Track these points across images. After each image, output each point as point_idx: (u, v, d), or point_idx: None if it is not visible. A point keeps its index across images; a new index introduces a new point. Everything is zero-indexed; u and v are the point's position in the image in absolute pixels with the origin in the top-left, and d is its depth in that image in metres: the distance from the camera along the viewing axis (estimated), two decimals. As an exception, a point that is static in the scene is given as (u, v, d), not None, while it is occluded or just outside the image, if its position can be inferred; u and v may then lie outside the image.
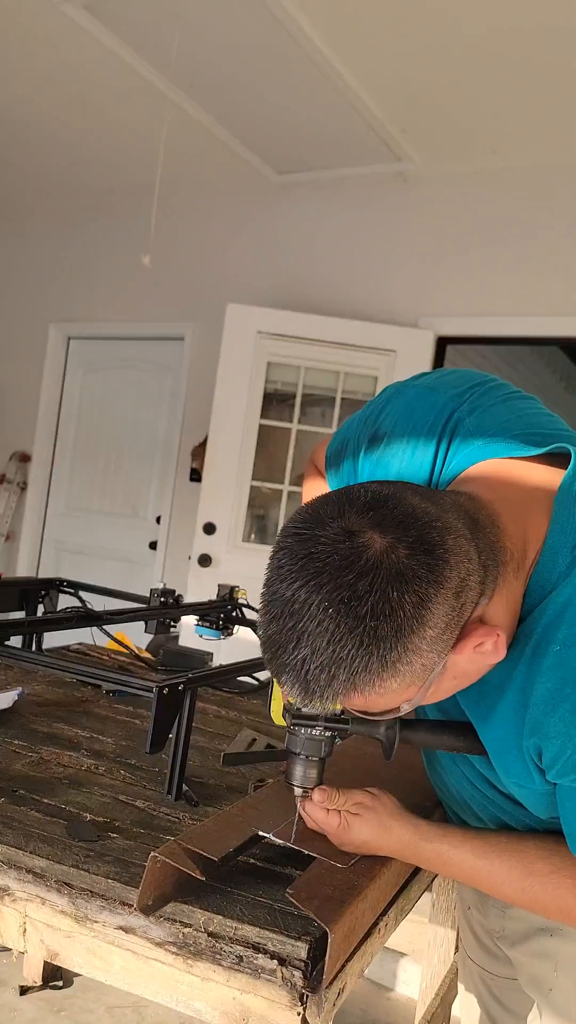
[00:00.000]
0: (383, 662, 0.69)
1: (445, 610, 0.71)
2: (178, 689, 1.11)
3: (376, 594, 0.68)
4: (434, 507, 0.74)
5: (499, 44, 2.87)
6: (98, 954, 0.87)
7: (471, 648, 0.75)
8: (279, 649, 0.71)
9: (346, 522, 0.71)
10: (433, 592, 0.70)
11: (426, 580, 0.70)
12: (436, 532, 0.72)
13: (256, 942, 0.80)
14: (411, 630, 0.69)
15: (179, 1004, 0.83)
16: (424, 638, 0.70)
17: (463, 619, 0.74)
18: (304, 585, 0.69)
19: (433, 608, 0.70)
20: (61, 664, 1.29)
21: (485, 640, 0.76)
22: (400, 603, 0.68)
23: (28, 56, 3.37)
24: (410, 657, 0.70)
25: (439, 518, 0.73)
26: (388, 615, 0.68)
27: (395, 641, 0.69)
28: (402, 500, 0.73)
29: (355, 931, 0.85)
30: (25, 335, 5.07)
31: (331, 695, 0.71)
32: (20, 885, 0.91)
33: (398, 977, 2.41)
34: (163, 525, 4.59)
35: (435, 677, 0.75)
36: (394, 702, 0.76)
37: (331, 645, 0.68)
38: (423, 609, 0.69)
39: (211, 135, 3.82)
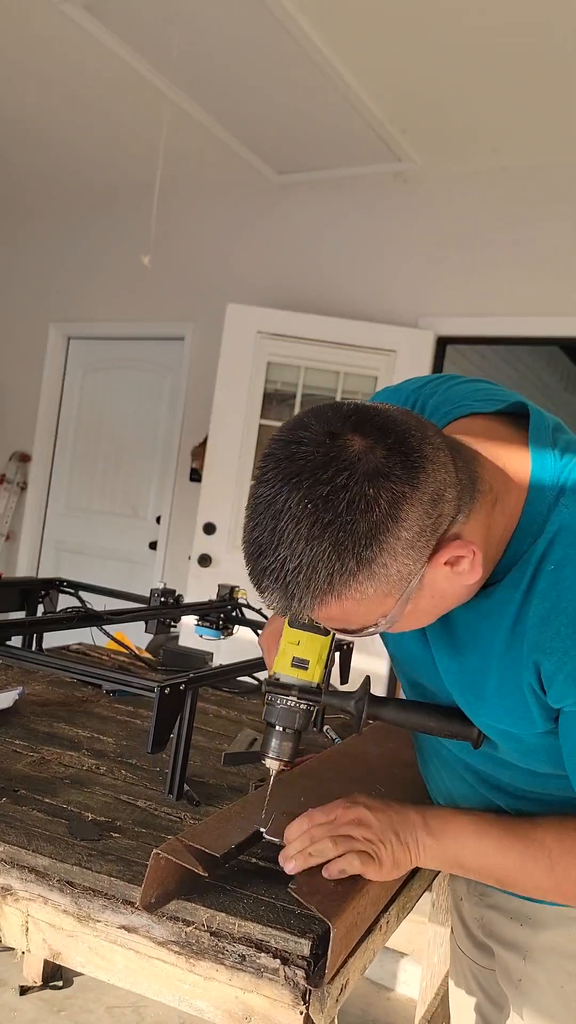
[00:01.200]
0: (359, 559, 0.71)
1: (420, 513, 0.73)
2: (179, 689, 1.12)
3: (353, 490, 0.70)
4: (416, 421, 0.77)
5: (499, 44, 2.87)
6: (100, 953, 0.87)
7: (446, 562, 0.77)
8: (259, 553, 0.73)
9: (328, 426, 0.73)
10: (409, 492, 0.72)
11: (402, 480, 0.71)
12: (415, 439, 0.74)
13: (259, 939, 0.80)
14: (386, 528, 0.71)
15: (181, 1003, 0.83)
16: (399, 539, 0.72)
17: (439, 530, 0.75)
18: (285, 484, 0.71)
19: (408, 508, 0.72)
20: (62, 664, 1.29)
21: (462, 557, 0.77)
22: (376, 499, 0.70)
23: (28, 56, 3.38)
24: (385, 558, 0.72)
25: (420, 428, 0.76)
26: (364, 511, 0.70)
27: (371, 538, 0.70)
28: (385, 411, 0.76)
29: (357, 927, 0.85)
30: (25, 335, 5.07)
31: (310, 597, 0.72)
32: (22, 884, 0.91)
33: (398, 977, 2.41)
34: (163, 525, 4.59)
35: (412, 591, 0.76)
36: (371, 613, 0.77)
37: (309, 543, 0.70)
38: (398, 508, 0.71)
39: (211, 135, 3.83)
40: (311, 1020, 0.78)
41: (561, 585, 0.79)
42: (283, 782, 1.10)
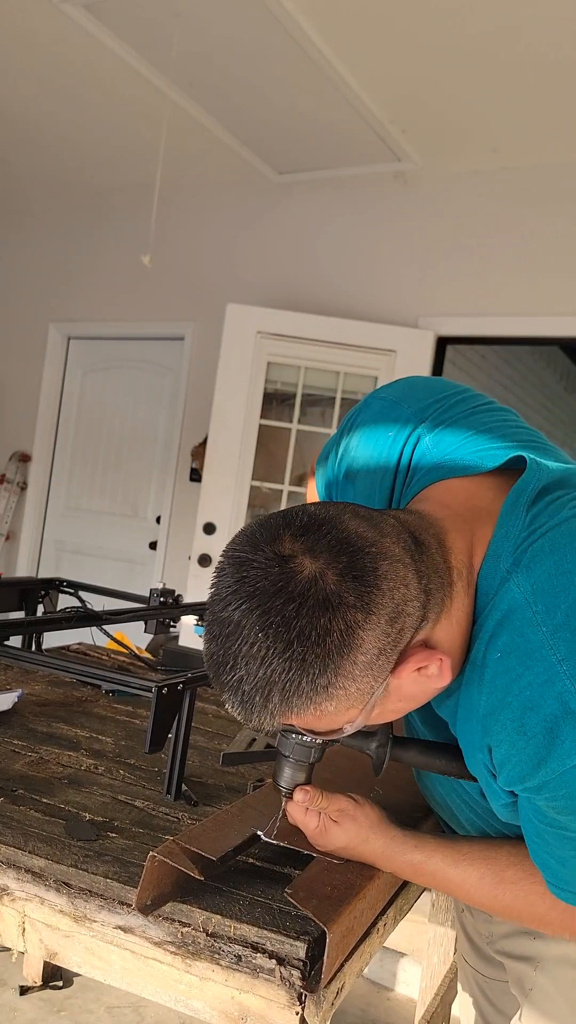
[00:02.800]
0: (314, 686, 0.69)
1: (377, 635, 0.70)
2: (177, 689, 1.12)
3: (304, 620, 0.68)
4: (372, 531, 0.73)
5: (499, 44, 2.87)
6: (97, 953, 0.87)
7: (411, 672, 0.74)
8: (219, 669, 0.72)
9: (279, 546, 0.71)
10: (363, 619, 0.69)
11: (355, 607, 0.69)
12: (369, 558, 0.71)
13: (255, 941, 0.80)
14: (340, 655, 0.69)
15: (178, 1003, 0.83)
16: (356, 663, 0.70)
17: (401, 644, 0.73)
18: (237, 608, 0.70)
19: (363, 635, 0.69)
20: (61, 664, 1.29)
21: (429, 664, 0.75)
22: (327, 630, 0.68)
23: (28, 55, 3.38)
24: (342, 682, 0.70)
25: (375, 543, 0.72)
26: (315, 641, 0.68)
27: (323, 667, 0.69)
28: (339, 524, 0.72)
29: (353, 931, 0.85)
30: (25, 335, 5.07)
31: (267, 716, 0.71)
32: (19, 885, 0.91)
33: (398, 977, 2.41)
34: (163, 525, 4.59)
35: (376, 700, 0.74)
36: (335, 723, 0.75)
37: (263, 668, 0.69)
38: (352, 636, 0.69)
39: (211, 135, 3.83)
40: (306, 1022, 0.78)
41: (508, 675, 0.75)
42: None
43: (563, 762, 0.71)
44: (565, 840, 0.78)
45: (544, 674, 0.72)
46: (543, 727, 0.72)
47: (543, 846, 0.81)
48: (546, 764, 0.72)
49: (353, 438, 1.00)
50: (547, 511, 0.81)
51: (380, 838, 0.91)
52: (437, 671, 0.76)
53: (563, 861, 0.80)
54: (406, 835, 0.92)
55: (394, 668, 0.74)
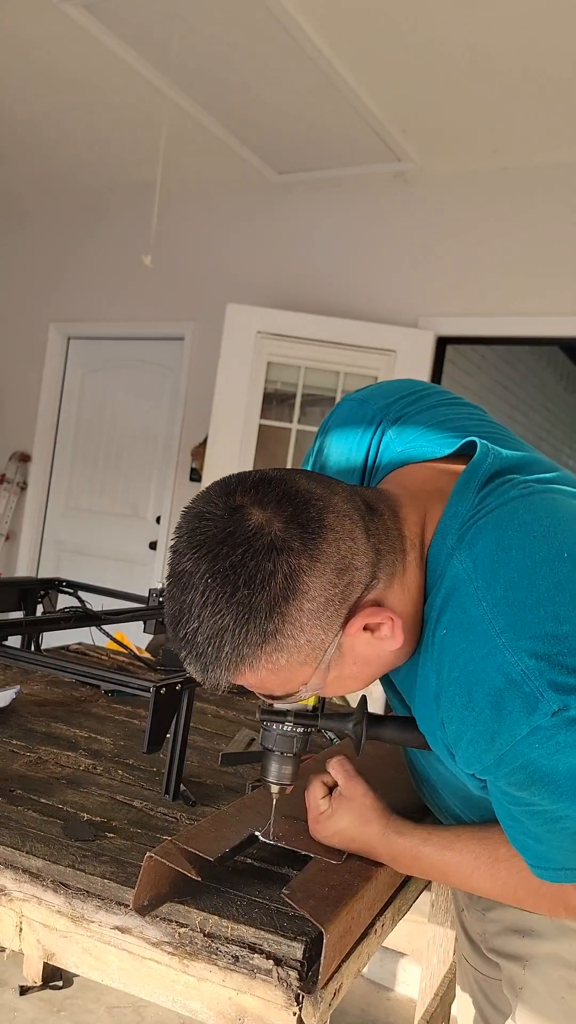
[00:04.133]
0: (262, 633, 0.71)
1: (323, 583, 0.72)
2: (176, 689, 1.11)
3: (250, 564, 0.70)
4: (322, 489, 0.76)
5: (499, 44, 2.87)
6: (94, 954, 0.87)
7: (361, 629, 0.76)
8: (175, 624, 0.74)
9: (231, 499, 0.74)
10: (308, 564, 0.71)
11: (299, 552, 0.71)
12: (315, 509, 0.73)
13: (252, 942, 0.80)
14: (286, 600, 0.71)
15: (175, 1004, 0.83)
16: (302, 610, 0.72)
17: (350, 599, 0.75)
18: (191, 558, 0.72)
19: (308, 580, 0.72)
20: (60, 664, 1.29)
21: (381, 623, 0.76)
22: (272, 573, 0.70)
23: (28, 56, 3.38)
24: (290, 630, 0.72)
25: (323, 498, 0.75)
26: (261, 585, 0.70)
27: (270, 611, 0.71)
28: (288, 480, 0.75)
29: (351, 931, 0.85)
30: (25, 335, 5.07)
31: (221, 669, 0.73)
32: (16, 885, 0.91)
33: (397, 977, 2.41)
34: (163, 525, 4.59)
35: (330, 659, 0.76)
36: (290, 683, 0.77)
37: (213, 616, 0.71)
38: (296, 580, 0.71)
39: (211, 135, 3.83)
40: (303, 1022, 0.77)
41: (452, 651, 0.76)
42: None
43: (513, 733, 0.71)
44: (535, 815, 0.77)
45: (484, 647, 0.73)
46: (489, 701, 0.72)
47: (517, 827, 0.80)
48: (498, 737, 0.72)
49: (327, 439, 1.03)
50: (496, 492, 0.82)
51: (379, 822, 0.93)
52: (389, 632, 0.77)
53: (539, 838, 0.79)
54: (403, 821, 0.94)
55: (345, 623, 0.75)
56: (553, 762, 0.71)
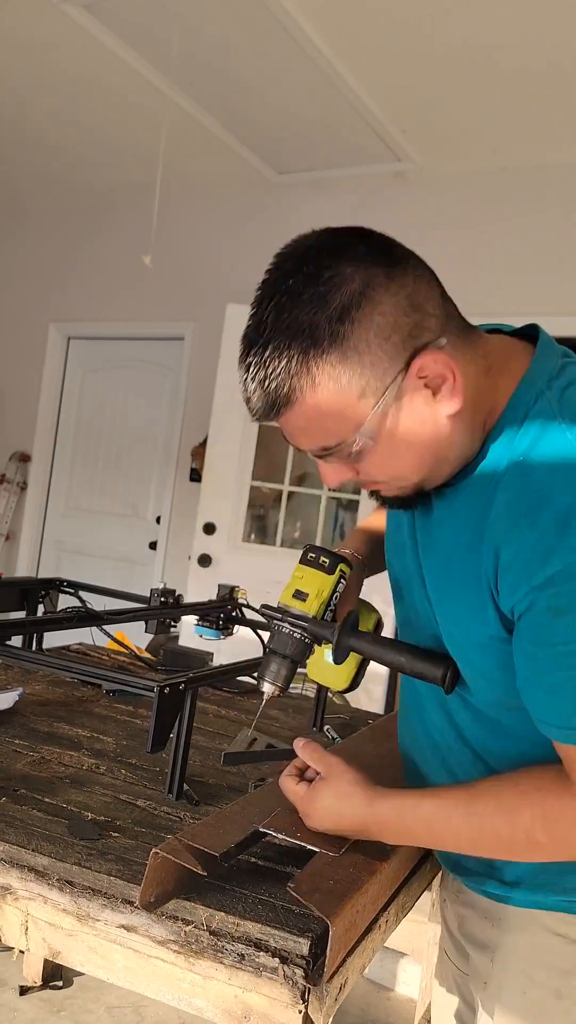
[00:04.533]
0: (332, 334, 0.74)
1: (395, 305, 0.76)
2: (179, 689, 1.12)
3: (332, 270, 0.75)
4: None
5: (499, 44, 2.87)
6: (100, 952, 0.87)
7: (422, 380, 0.78)
8: (245, 353, 0.79)
9: (325, 232, 0.81)
10: (383, 280, 0.75)
11: (380, 269, 0.76)
12: (401, 250, 0.80)
13: (258, 938, 0.80)
14: (358, 306, 0.75)
15: (181, 1002, 0.83)
16: (372, 321, 0.75)
17: (417, 339, 0.77)
18: (280, 270, 0.80)
19: (382, 293, 0.75)
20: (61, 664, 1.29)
21: (442, 377, 0.78)
22: (350, 276, 0.75)
23: (28, 56, 3.38)
24: (356, 340, 0.75)
25: (413, 255, 0.81)
26: (337, 285, 0.75)
27: (344, 312, 0.74)
28: (383, 236, 0.82)
29: (356, 925, 0.85)
30: (25, 335, 5.07)
31: (287, 387, 0.76)
32: (22, 884, 0.91)
33: (398, 977, 2.42)
34: (163, 525, 4.59)
35: (389, 404, 0.78)
36: (347, 417, 0.78)
37: (288, 322, 0.75)
38: (371, 289, 0.75)
39: (211, 135, 3.83)
40: (310, 1019, 0.78)
41: (526, 477, 0.78)
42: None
43: (572, 553, 0.73)
44: (559, 659, 0.77)
45: (562, 472, 0.76)
46: (555, 519, 0.74)
47: (535, 678, 0.79)
48: (554, 555, 0.74)
49: None
50: (570, 367, 0.87)
51: (361, 792, 0.92)
52: (449, 391, 0.79)
53: (555, 689, 0.78)
54: (390, 789, 0.93)
55: (409, 361, 0.77)
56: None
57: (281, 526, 3.93)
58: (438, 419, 0.80)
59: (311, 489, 4.06)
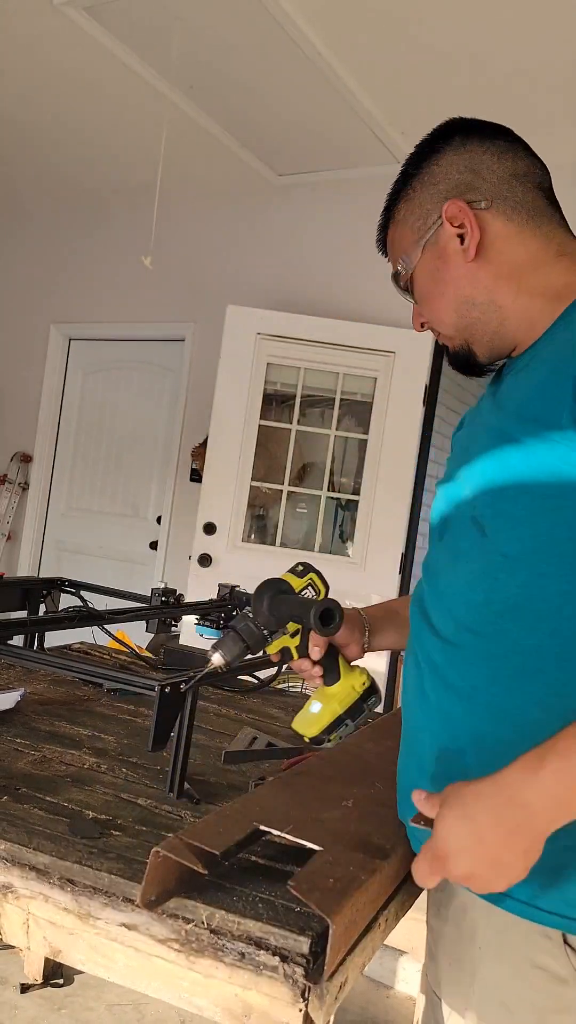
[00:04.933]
0: (406, 176, 0.99)
1: (450, 162, 0.96)
2: (180, 688, 1.12)
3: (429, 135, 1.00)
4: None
5: (498, 47, 2.88)
6: (101, 951, 0.88)
7: (454, 225, 0.93)
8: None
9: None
10: (458, 141, 0.97)
11: (458, 135, 0.98)
12: (496, 129, 1.03)
13: (259, 937, 0.81)
14: (426, 156, 0.98)
15: (181, 1001, 0.84)
16: (429, 170, 0.97)
17: (460, 195, 0.94)
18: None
19: (447, 150, 0.96)
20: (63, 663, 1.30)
21: (464, 227, 0.93)
22: (436, 137, 0.99)
23: (29, 57, 3.38)
24: (417, 181, 0.97)
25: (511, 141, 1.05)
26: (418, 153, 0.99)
27: (416, 161, 0.98)
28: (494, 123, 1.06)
29: (356, 923, 0.86)
30: (26, 336, 5.08)
31: (382, 222, 1.03)
32: (23, 882, 0.91)
33: (397, 975, 2.42)
34: (163, 525, 4.60)
35: (428, 239, 0.95)
36: (399, 246, 1.00)
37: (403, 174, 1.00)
38: (440, 145, 0.97)
39: (211, 137, 3.83)
40: (310, 1017, 0.78)
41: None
42: (283, 781, 1.10)
43: None
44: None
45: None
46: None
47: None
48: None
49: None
50: None
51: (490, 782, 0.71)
52: (469, 239, 0.93)
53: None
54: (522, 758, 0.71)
55: (444, 207, 0.94)
56: None
57: (281, 526, 3.93)
58: (459, 262, 0.94)
59: (311, 489, 4.06)
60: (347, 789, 1.10)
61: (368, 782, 1.14)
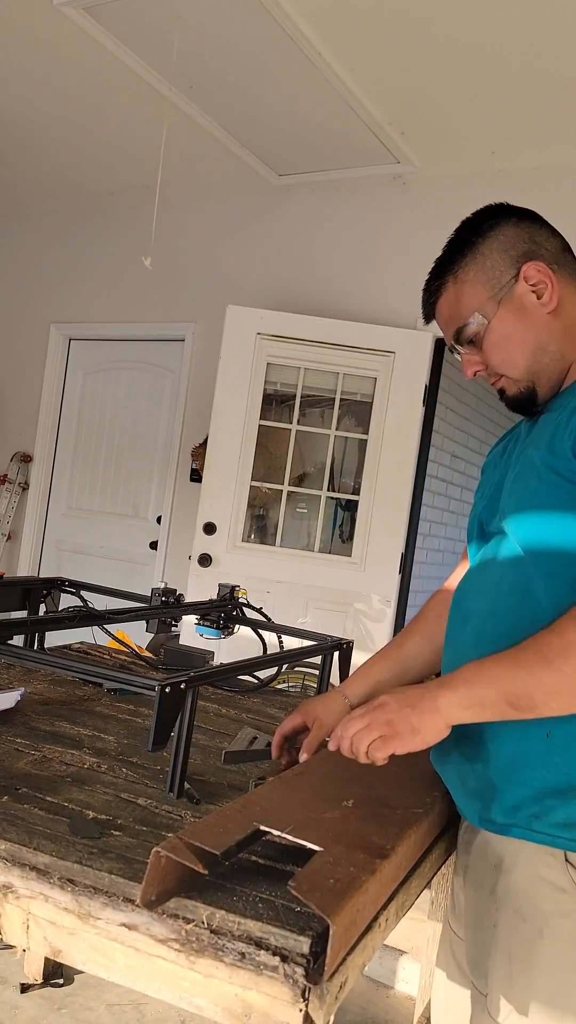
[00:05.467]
0: (470, 243, 1.13)
1: (515, 234, 1.12)
2: (180, 688, 1.12)
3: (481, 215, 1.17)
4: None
5: (498, 46, 2.88)
6: (101, 951, 0.88)
7: (529, 284, 1.09)
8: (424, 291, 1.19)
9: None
10: (515, 220, 1.13)
11: (513, 217, 1.14)
12: (538, 217, 1.17)
13: (259, 937, 0.81)
14: (491, 228, 1.13)
15: (181, 1001, 0.84)
16: (496, 240, 1.12)
17: (530, 258, 1.10)
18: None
19: (508, 226, 1.13)
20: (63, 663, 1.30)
21: (543, 283, 1.09)
22: (488, 219, 1.15)
23: (29, 58, 3.38)
24: (486, 247, 1.12)
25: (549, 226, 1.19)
26: (477, 223, 1.16)
27: (477, 233, 1.13)
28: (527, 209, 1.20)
29: (356, 924, 0.86)
30: (26, 336, 5.08)
31: (439, 281, 1.15)
32: (23, 882, 0.91)
33: (397, 975, 2.42)
34: (163, 525, 4.60)
35: (503, 296, 1.10)
36: (470, 303, 1.12)
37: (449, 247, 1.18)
38: (499, 227, 1.13)
39: (211, 137, 3.83)
40: (310, 1017, 0.78)
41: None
42: (283, 782, 1.11)
43: None
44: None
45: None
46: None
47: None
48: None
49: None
50: None
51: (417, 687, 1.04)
52: (548, 297, 1.09)
53: None
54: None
55: (518, 270, 1.09)
56: None
57: (281, 526, 3.93)
58: (540, 314, 1.09)
59: (311, 489, 4.06)
60: (347, 789, 1.10)
61: (368, 782, 1.15)
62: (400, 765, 1.19)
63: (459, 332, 1.13)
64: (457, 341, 1.15)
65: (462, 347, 1.15)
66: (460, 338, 1.14)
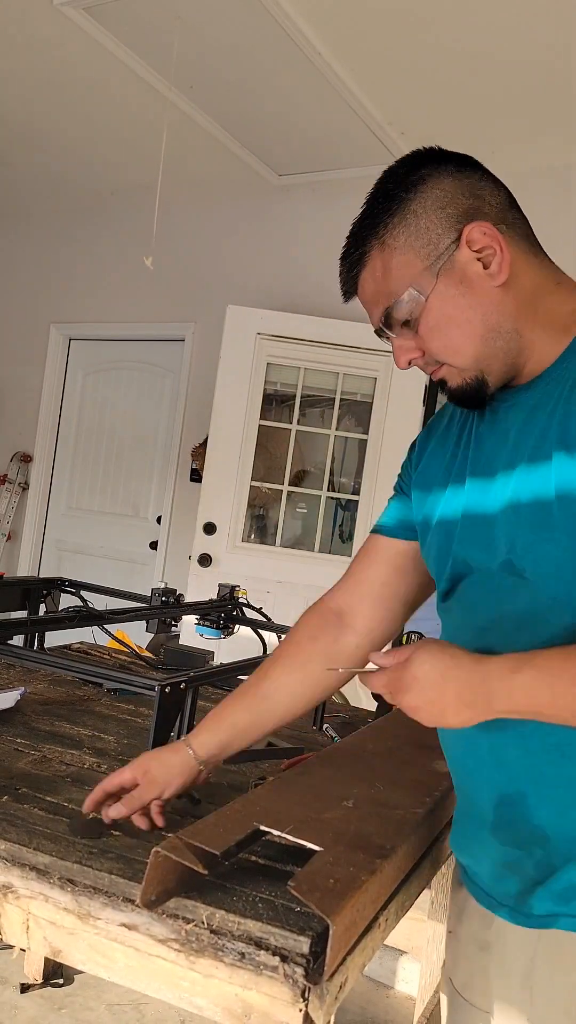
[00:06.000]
0: (398, 199, 0.88)
1: (454, 187, 0.88)
2: (180, 688, 1.12)
3: (409, 163, 0.91)
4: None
5: (497, 47, 2.88)
6: (101, 951, 0.88)
7: (473, 250, 0.86)
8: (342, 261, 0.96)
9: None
10: (453, 169, 0.88)
11: (451, 165, 0.89)
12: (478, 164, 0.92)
13: (259, 937, 0.81)
14: (422, 180, 0.88)
15: (181, 1001, 0.84)
16: (429, 195, 0.87)
17: (472, 218, 0.87)
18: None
19: (446, 177, 0.88)
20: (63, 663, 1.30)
21: (491, 250, 0.86)
22: (421, 164, 0.90)
23: (29, 58, 3.38)
24: (417, 205, 0.87)
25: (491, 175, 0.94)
26: (405, 172, 0.89)
27: (408, 185, 0.88)
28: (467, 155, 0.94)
29: (356, 924, 0.86)
30: (26, 336, 5.08)
31: (367, 233, 0.91)
32: (23, 882, 0.91)
33: (397, 975, 2.42)
34: (163, 525, 4.60)
35: (441, 266, 0.86)
36: (403, 275, 0.88)
37: (370, 202, 0.92)
38: (437, 171, 0.88)
39: (211, 137, 3.83)
40: (310, 1017, 0.78)
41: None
42: (283, 781, 1.10)
43: None
44: None
45: None
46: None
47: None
48: None
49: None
50: None
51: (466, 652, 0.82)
52: (497, 265, 0.86)
53: None
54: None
55: (460, 231, 0.86)
56: None
57: (281, 526, 3.93)
58: (487, 287, 0.87)
59: (311, 489, 4.06)
60: (347, 789, 1.10)
61: (368, 782, 1.15)
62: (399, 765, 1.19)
63: (388, 312, 0.90)
64: (386, 324, 0.91)
65: (392, 331, 0.91)
66: (390, 320, 0.90)
